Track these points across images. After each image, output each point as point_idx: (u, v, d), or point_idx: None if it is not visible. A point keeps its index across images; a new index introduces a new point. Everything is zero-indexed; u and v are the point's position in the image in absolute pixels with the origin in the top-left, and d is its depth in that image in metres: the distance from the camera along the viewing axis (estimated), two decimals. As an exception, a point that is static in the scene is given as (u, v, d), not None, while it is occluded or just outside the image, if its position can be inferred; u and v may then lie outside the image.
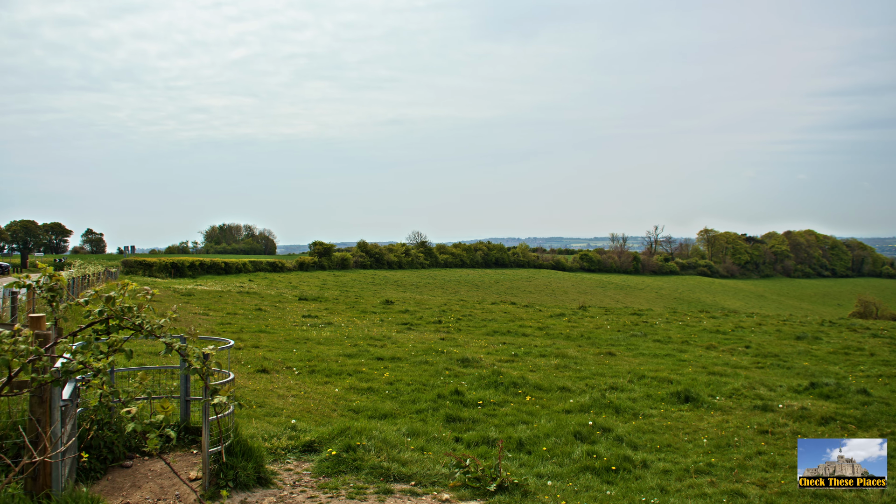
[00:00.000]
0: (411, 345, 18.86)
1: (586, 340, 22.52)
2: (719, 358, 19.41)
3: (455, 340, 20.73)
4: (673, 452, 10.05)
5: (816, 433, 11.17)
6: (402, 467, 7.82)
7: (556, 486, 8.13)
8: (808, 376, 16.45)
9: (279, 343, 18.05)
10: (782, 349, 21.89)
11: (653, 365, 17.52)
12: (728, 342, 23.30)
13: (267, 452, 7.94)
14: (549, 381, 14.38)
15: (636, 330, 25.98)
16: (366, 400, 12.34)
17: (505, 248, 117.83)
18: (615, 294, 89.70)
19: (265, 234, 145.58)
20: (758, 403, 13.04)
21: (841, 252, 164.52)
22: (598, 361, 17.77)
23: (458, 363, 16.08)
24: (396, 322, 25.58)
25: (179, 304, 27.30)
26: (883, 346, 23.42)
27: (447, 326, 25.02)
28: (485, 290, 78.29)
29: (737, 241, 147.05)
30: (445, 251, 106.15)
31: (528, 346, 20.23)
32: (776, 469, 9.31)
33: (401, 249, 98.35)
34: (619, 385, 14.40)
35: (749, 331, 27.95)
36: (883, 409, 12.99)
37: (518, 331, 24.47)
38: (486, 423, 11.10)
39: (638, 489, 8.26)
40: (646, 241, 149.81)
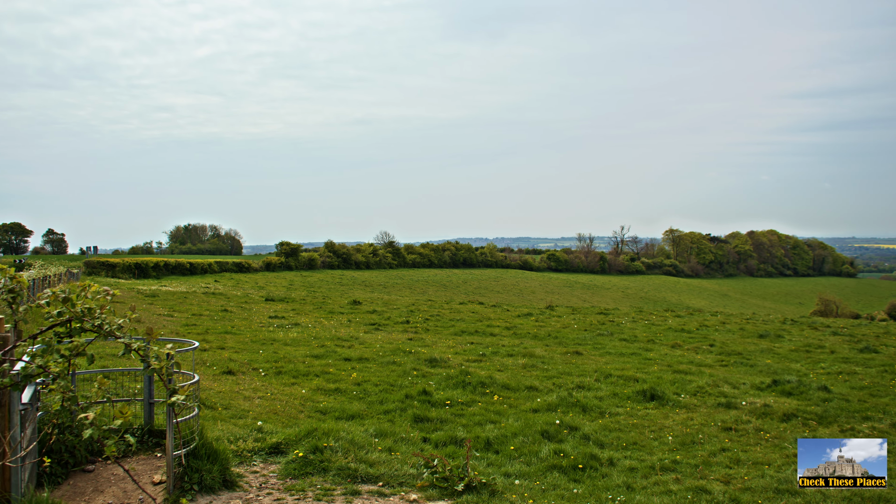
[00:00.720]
0: (379, 345, 18.80)
1: (554, 340, 22.64)
2: (684, 356, 19.64)
3: (423, 341, 20.71)
4: (639, 450, 10.15)
5: (778, 430, 11.36)
6: (369, 468, 7.79)
7: (524, 484, 8.16)
8: (771, 374, 16.71)
9: (245, 344, 17.88)
10: (746, 347, 22.21)
11: (619, 364, 17.67)
12: (693, 341, 23.59)
13: (233, 455, 7.85)
14: (517, 381, 14.43)
15: (603, 329, 26.18)
16: (333, 401, 12.27)
17: (473, 248, 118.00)
18: (582, 293, 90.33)
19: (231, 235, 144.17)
20: (722, 401, 13.22)
21: (802, 252, 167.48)
22: (566, 360, 17.87)
23: (426, 363, 16.07)
24: (364, 322, 25.49)
25: (143, 305, 26.91)
26: (843, 344, 23.88)
27: (415, 327, 24.98)
28: (453, 290, 78.36)
29: (701, 241, 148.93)
30: (413, 251, 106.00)
31: (496, 345, 20.28)
32: (740, 465, 9.44)
33: (369, 250, 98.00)
34: (586, 384, 14.50)
35: (713, 329, 28.32)
36: (843, 405, 13.26)
37: (486, 330, 24.52)
38: (454, 422, 11.10)
39: (605, 487, 8.32)
40: (612, 241, 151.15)
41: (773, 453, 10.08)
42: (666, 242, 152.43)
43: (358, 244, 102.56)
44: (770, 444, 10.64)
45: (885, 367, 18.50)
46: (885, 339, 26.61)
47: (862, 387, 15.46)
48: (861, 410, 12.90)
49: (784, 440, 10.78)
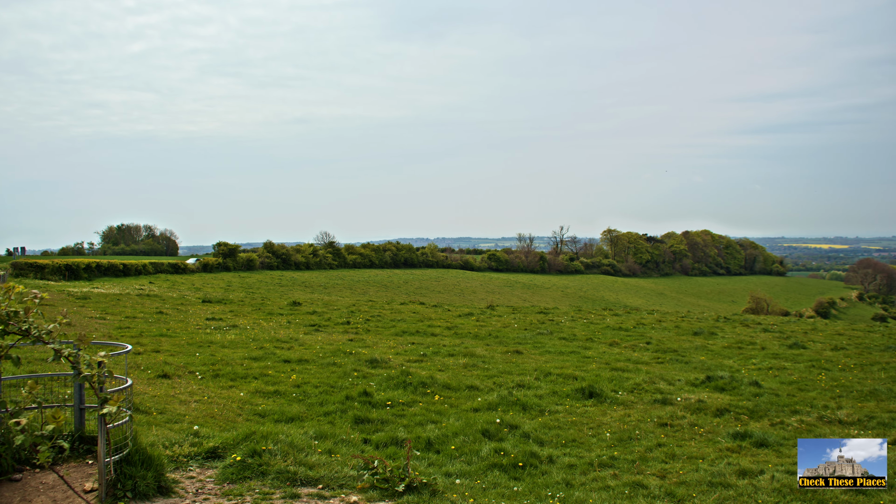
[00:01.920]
0: (319, 346, 18.63)
1: (494, 339, 22.78)
2: (622, 354, 19.98)
3: (364, 341, 20.61)
4: (578, 447, 10.29)
5: (712, 424, 11.66)
6: (309, 471, 7.71)
7: (465, 484, 8.19)
8: (705, 370, 17.13)
9: (181, 347, 17.50)
10: (681, 345, 22.73)
11: (559, 362, 17.88)
12: (630, 339, 24.02)
13: (168, 460, 7.68)
14: (458, 381, 14.47)
15: (543, 328, 26.46)
16: (272, 403, 12.11)
17: (414, 248, 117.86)
18: (522, 293, 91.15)
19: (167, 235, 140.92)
20: (658, 397, 13.51)
21: (735, 251, 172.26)
22: (506, 360, 18.00)
23: (367, 364, 16.00)
24: (304, 324, 25.22)
25: (74, 307, 26.10)
26: (773, 340, 24.64)
27: (356, 327, 24.84)
28: (394, 290, 78.18)
29: (638, 241, 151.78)
30: (354, 252, 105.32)
31: (437, 345, 20.31)
32: (675, 460, 9.66)
33: (308, 250, 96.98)
34: (527, 383, 14.64)
35: (650, 327, 28.89)
36: (773, 399, 13.69)
37: (427, 331, 24.53)
38: (395, 423, 11.07)
39: (544, 484, 8.41)
40: (552, 241, 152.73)
41: (707, 447, 10.34)
42: (604, 242, 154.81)
43: (298, 244, 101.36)
44: (704, 438, 10.91)
45: (812, 362, 19.17)
46: (812, 335, 27.57)
47: (791, 381, 15.98)
48: (790, 404, 13.34)
49: (717, 434, 11.07)
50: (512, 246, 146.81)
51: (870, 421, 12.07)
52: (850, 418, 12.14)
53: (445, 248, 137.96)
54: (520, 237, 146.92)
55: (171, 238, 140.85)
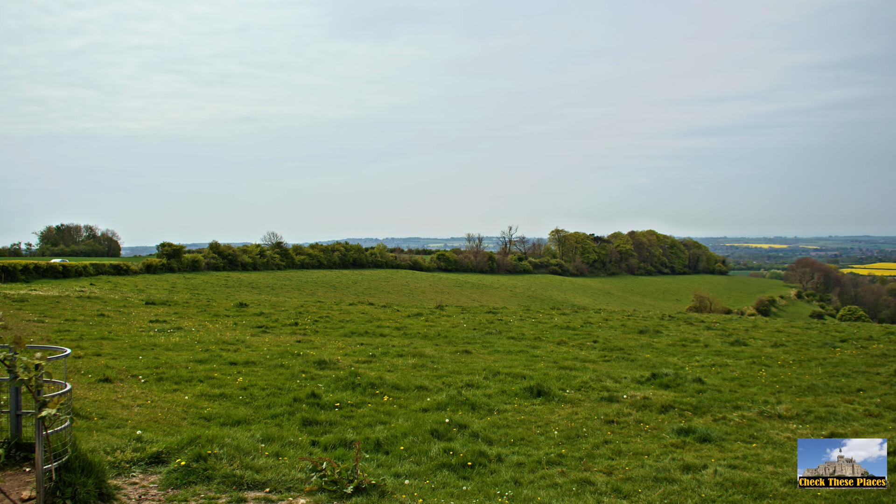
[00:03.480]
0: (266, 348, 18.40)
1: (443, 339, 22.80)
2: (569, 353, 20.20)
3: (312, 342, 20.43)
4: (526, 445, 10.37)
5: (657, 421, 11.86)
6: (256, 474, 7.61)
7: (414, 484, 8.18)
8: (650, 368, 17.43)
9: (124, 350, 17.10)
10: (627, 343, 23.07)
11: (507, 361, 17.99)
12: (577, 337, 24.29)
13: (110, 466, 7.50)
14: (407, 381, 14.45)
15: (492, 328, 26.59)
16: (218, 407, 11.91)
17: (363, 248, 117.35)
18: (472, 293, 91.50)
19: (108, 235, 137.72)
20: (604, 395, 13.69)
21: (679, 251, 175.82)
22: (455, 360, 18.04)
23: (315, 365, 15.86)
24: (251, 325, 24.88)
25: (11, 310, 25.30)
26: (716, 338, 25.20)
27: (304, 328, 24.60)
28: (343, 290, 77.71)
29: (585, 241, 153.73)
30: (302, 252, 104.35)
31: (386, 346, 20.24)
32: (621, 456, 9.80)
33: (255, 250, 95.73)
34: (475, 382, 14.69)
35: (597, 326, 29.26)
36: (716, 395, 14.00)
37: (376, 331, 24.44)
38: (344, 425, 11.00)
39: (493, 483, 8.45)
40: (501, 241, 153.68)
41: (652, 443, 10.51)
42: (552, 242, 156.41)
43: (245, 245, 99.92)
44: (649, 434, 11.09)
45: (753, 358, 19.66)
46: (753, 332, 28.28)
47: (733, 378, 16.36)
48: (732, 400, 13.65)
49: (662, 430, 11.26)
50: (461, 246, 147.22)
51: (808, 415, 12.43)
52: (790, 413, 12.48)
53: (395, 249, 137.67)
54: (469, 237, 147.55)
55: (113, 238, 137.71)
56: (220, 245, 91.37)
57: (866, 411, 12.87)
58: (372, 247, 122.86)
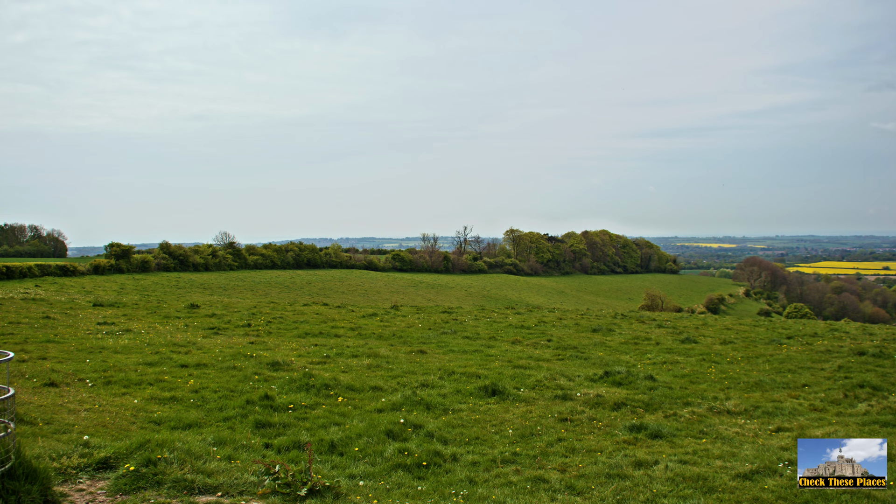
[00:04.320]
0: (218, 350, 18.14)
1: (398, 339, 22.76)
2: (524, 352, 20.33)
3: (265, 344, 20.21)
4: (481, 444, 10.41)
5: (610, 418, 12.01)
6: (207, 478, 7.50)
7: (369, 485, 8.15)
8: (603, 366, 17.64)
9: (70, 353, 16.69)
10: (580, 341, 23.31)
11: (462, 361, 18.03)
12: (532, 336, 24.46)
13: (56, 473, 7.31)
14: (362, 382, 14.39)
15: (447, 328, 26.62)
16: (168, 410, 11.71)
17: (317, 248, 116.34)
18: (427, 293, 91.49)
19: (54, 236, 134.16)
20: (558, 393, 13.81)
21: (631, 250, 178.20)
22: (410, 360, 18.02)
23: (269, 367, 15.69)
24: (203, 327, 24.51)
25: (-49, 314, 24.51)
26: (667, 336, 25.61)
27: (257, 330, 24.32)
28: (297, 291, 77.02)
29: (540, 241, 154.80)
30: (255, 252, 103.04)
31: (341, 347, 20.12)
32: (575, 454, 9.90)
33: (207, 251, 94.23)
34: (430, 382, 14.69)
35: (551, 325, 29.50)
36: (667, 392, 14.23)
37: (330, 332, 24.28)
38: (298, 426, 10.91)
39: (448, 482, 8.47)
40: (456, 241, 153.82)
41: (605, 440, 10.64)
42: (507, 242, 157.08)
43: (196, 245, 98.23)
44: (602, 432, 11.23)
45: (703, 355, 20.03)
46: (703, 330, 28.81)
47: (683, 375, 16.65)
48: (683, 397, 13.90)
49: (615, 428, 11.41)
50: (416, 246, 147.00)
51: (755, 410, 12.72)
52: (738, 408, 12.75)
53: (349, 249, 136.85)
54: (424, 237, 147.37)
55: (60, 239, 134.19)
56: (171, 245, 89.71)
57: (811, 406, 13.22)
58: (326, 247, 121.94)
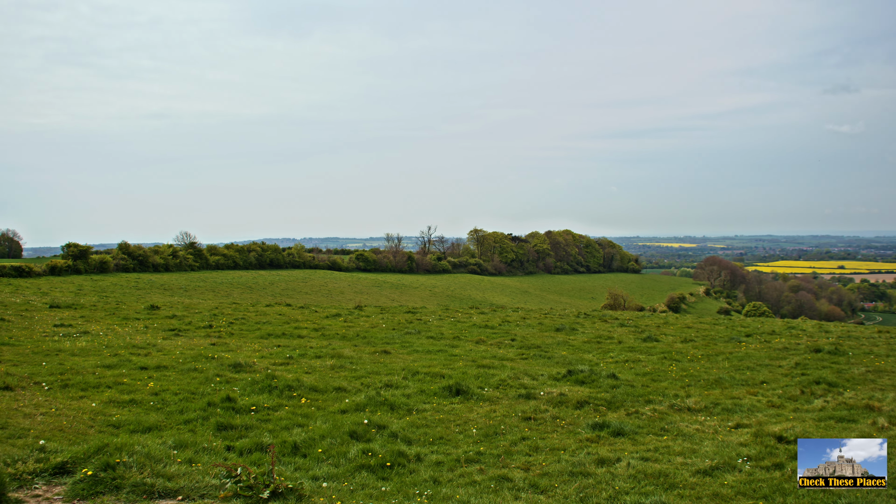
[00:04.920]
0: (179, 352, 17.89)
1: (362, 340, 22.67)
2: (488, 351, 20.38)
3: (227, 345, 19.98)
4: (445, 444, 10.41)
5: (573, 416, 12.10)
6: (167, 482, 7.40)
7: (332, 486, 8.11)
8: (566, 364, 17.76)
9: (26, 356, 16.33)
10: (544, 340, 23.44)
11: (426, 361, 18.02)
12: (496, 336, 24.53)
13: (11, 479, 7.16)
14: (325, 383, 14.30)
15: (411, 328, 26.58)
16: (128, 413, 11.51)
17: (280, 248, 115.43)
18: (391, 293, 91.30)
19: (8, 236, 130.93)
20: (522, 392, 13.87)
21: (594, 250, 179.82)
22: (374, 360, 17.96)
23: (230, 369, 15.51)
24: (163, 328, 24.15)
25: None
26: (629, 334, 25.88)
27: (218, 331, 24.04)
28: (259, 292, 76.32)
29: (503, 241, 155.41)
30: (217, 252, 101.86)
31: (304, 347, 19.98)
32: (538, 452, 9.96)
33: (168, 251, 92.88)
34: (394, 382, 14.66)
35: (515, 325, 29.62)
36: (629, 390, 14.38)
37: (293, 333, 24.10)
38: (260, 428, 10.81)
39: (412, 482, 8.46)
40: (420, 241, 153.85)
41: (568, 439, 10.72)
42: (471, 242, 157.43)
43: (156, 245, 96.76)
44: (565, 430, 11.31)
45: (664, 354, 20.28)
46: (664, 328, 29.18)
47: (645, 373, 16.84)
48: (644, 395, 14.05)
49: (578, 426, 11.50)
50: (380, 246, 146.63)
51: (715, 407, 12.92)
52: (698, 405, 12.94)
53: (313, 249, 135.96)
54: (388, 237, 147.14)
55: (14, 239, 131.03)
56: (131, 246, 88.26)
57: (769, 402, 13.47)
58: (289, 247, 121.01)
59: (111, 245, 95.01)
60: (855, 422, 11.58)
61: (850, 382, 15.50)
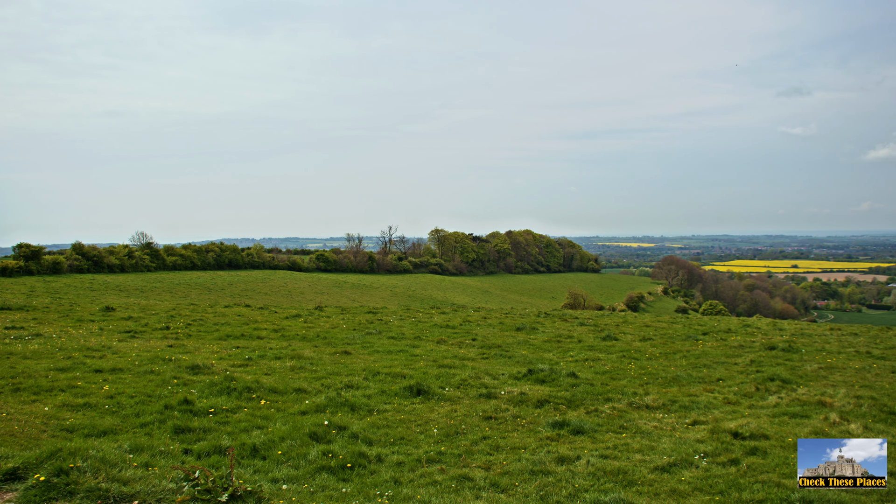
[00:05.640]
0: (135, 354, 17.59)
1: (322, 340, 22.53)
2: (449, 351, 20.40)
3: (185, 347, 19.69)
4: (406, 444, 10.40)
5: (533, 415, 12.17)
6: (123, 487, 7.26)
7: (292, 489, 8.05)
8: (527, 364, 17.85)
9: (-25, 360, 15.90)
10: (505, 340, 23.54)
11: (387, 361, 17.97)
12: (457, 336, 24.56)
13: (-42, 485, 6.96)
14: (285, 384, 14.18)
15: (371, 328, 26.49)
16: (82, 417, 11.28)
17: (239, 248, 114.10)
18: (351, 293, 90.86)
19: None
20: (483, 392, 13.92)
21: (554, 250, 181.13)
22: (335, 361, 17.86)
23: (188, 371, 15.29)
24: (118, 330, 23.71)
25: None
26: (588, 333, 26.11)
27: (176, 332, 23.68)
28: (218, 292, 75.36)
29: (464, 241, 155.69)
30: (174, 253, 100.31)
31: (263, 349, 19.78)
32: (499, 451, 10.00)
33: (123, 251, 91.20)
34: (355, 383, 14.59)
35: (476, 324, 29.69)
36: (588, 389, 14.51)
37: (253, 334, 23.84)
38: (219, 431, 10.67)
39: (373, 483, 8.44)
40: (381, 241, 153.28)
41: (528, 438, 10.78)
42: (432, 242, 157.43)
43: (112, 246, 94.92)
44: (526, 429, 11.37)
45: (623, 352, 20.51)
46: (623, 327, 29.50)
47: (605, 371, 17.01)
48: (604, 393, 14.20)
49: (538, 425, 11.57)
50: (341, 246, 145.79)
51: (673, 405, 13.10)
52: (656, 403, 13.12)
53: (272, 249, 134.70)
54: (349, 237, 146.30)
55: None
56: (85, 246, 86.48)
57: (725, 399, 13.70)
58: (249, 247, 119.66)
59: (65, 245, 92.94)
60: (808, 417, 11.85)
61: (803, 379, 15.85)
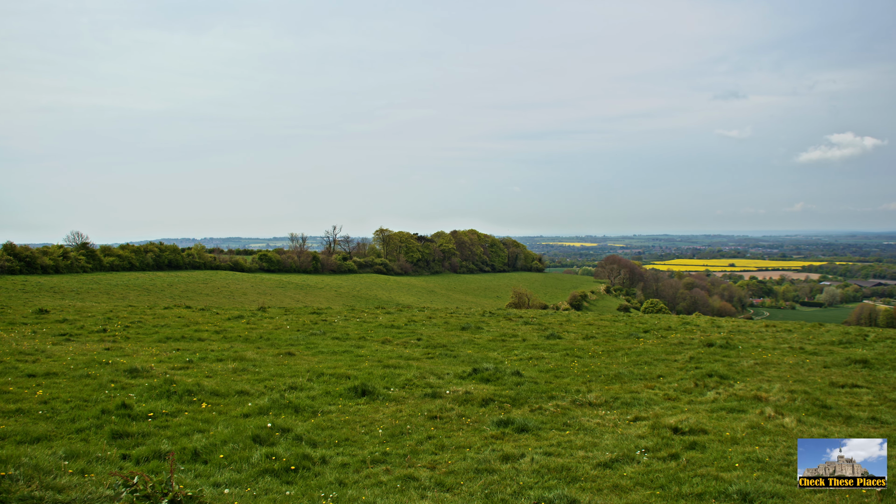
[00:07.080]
0: (70, 357, 17.08)
1: (266, 342, 22.24)
2: (394, 351, 20.35)
3: (123, 350, 19.21)
4: (351, 445, 10.34)
5: (478, 414, 12.22)
6: (58, 495, 7.05)
7: (235, 493, 7.93)
8: (472, 363, 17.93)
9: None
10: (450, 340, 23.59)
11: (332, 362, 17.84)
12: (402, 336, 24.53)
13: None
14: (227, 386, 13.95)
15: (316, 329, 26.27)
16: (14, 423, 10.89)
17: (179, 249, 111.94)
18: (295, 294, 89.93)
19: None
20: (428, 391, 13.93)
21: (499, 249, 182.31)
22: (278, 362, 17.65)
23: (126, 374, 14.92)
24: (52, 333, 23.01)
25: None
26: (533, 332, 26.35)
27: (113, 335, 23.08)
28: (157, 294, 73.74)
29: (409, 241, 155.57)
30: (112, 253, 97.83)
31: (205, 351, 19.43)
32: (445, 451, 10.02)
33: (58, 252, 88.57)
34: (299, 384, 14.44)
35: (421, 324, 29.70)
36: (533, 387, 14.64)
37: (194, 336, 23.39)
38: (159, 435, 10.43)
39: (317, 485, 8.37)
40: (325, 241, 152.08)
41: (473, 436, 10.82)
42: (377, 242, 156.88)
43: (45, 246, 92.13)
44: (471, 428, 11.41)
45: (567, 351, 20.76)
46: (567, 326, 29.86)
47: (549, 370, 17.19)
48: (548, 391, 14.34)
49: (483, 423, 11.62)
50: (284, 246, 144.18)
51: (615, 402, 13.31)
52: (599, 400, 13.31)
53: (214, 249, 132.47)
54: (292, 237, 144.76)
55: None
56: (17, 246, 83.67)
57: (665, 395, 13.98)
58: (189, 247, 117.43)
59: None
60: (745, 412, 12.17)
61: (739, 375, 16.27)
